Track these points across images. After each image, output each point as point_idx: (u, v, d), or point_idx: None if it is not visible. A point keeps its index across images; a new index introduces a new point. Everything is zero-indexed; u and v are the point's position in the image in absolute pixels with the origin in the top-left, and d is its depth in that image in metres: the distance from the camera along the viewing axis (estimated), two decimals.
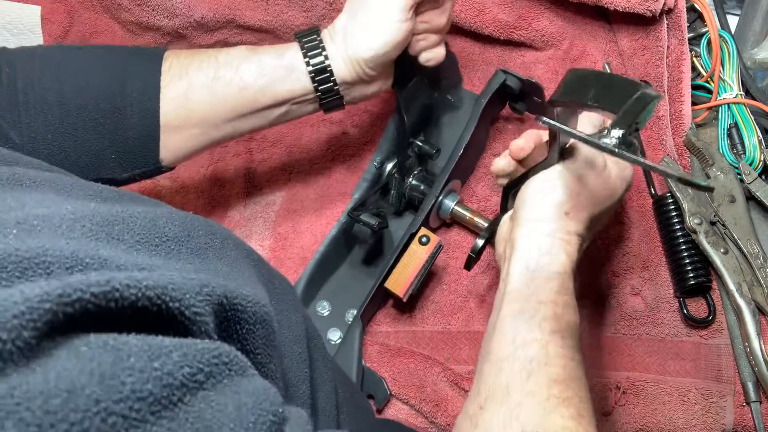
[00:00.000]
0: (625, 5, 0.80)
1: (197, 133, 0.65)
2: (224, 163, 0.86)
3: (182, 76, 0.64)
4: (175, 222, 0.41)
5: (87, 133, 0.62)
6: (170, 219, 0.41)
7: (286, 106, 0.66)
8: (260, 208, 0.84)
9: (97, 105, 0.62)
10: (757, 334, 0.70)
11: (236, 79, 0.64)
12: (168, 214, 0.42)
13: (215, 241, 0.44)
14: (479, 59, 0.90)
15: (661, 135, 0.80)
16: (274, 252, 0.81)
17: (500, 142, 0.85)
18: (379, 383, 0.71)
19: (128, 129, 0.63)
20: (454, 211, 0.78)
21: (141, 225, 0.39)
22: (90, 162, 0.63)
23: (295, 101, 0.66)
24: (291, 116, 0.68)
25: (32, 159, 0.48)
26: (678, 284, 0.74)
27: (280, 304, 0.50)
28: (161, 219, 0.41)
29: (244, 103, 0.65)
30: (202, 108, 0.64)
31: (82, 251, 0.32)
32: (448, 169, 0.76)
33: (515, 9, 0.86)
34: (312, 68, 0.64)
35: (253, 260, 0.49)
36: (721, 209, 0.74)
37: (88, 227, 0.36)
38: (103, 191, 0.45)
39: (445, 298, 0.78)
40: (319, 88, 0.65)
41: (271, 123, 0.68)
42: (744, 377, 0.71)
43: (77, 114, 0.62)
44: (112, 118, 0.63)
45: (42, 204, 0.37)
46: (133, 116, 0.63)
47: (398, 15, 0.63)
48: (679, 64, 0.81)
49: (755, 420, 0.69)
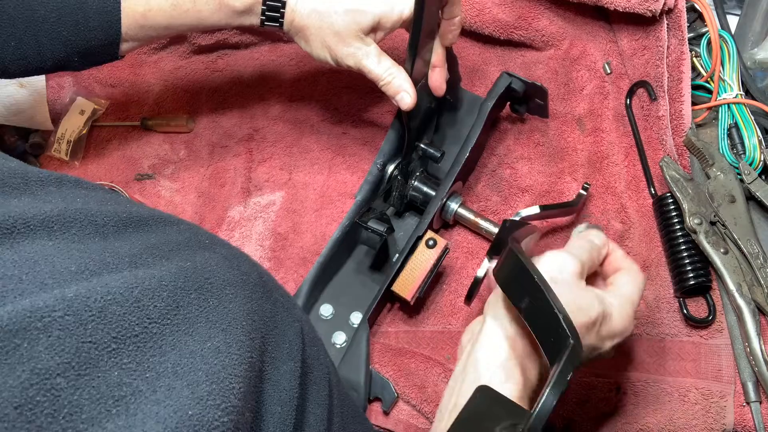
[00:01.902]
0: (625, 5, 0.80)
1: (154, 41, 0.73)
2: (224, 163, 0.86)
3: None
4: (162, 296, 0.36)
5: (51, 44, 0.67)
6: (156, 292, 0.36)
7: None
8: (260, 208, 0.84)
9: (59, 19, 0.66)
10: (757, 334, 0.70)
11: (193, 11, 0.68)
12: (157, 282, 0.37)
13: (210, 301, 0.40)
14: (479, 59, 0.90)
15: (661, 135, 0.80)
16: (274, 252, 0.81)
17: (500, 142, 0.85)
18: (386, 385, 0.71)
19: (91, 39, 0.67)
20: (458, 213, 0.78)
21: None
22: (53, 65, 0.69)
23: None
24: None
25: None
26: (678, 284, 0.74)
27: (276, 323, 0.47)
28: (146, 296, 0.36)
29: (199, 26, 0.71)
30: (159, 27, 0.69)
31: None
32: (454, 172, 0.76)
33: (515, 9, 0.86)
34: (266, 18, 0.70)
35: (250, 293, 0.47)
36: (721, 209, 0.74)
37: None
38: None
39: (445, 299, 0.78)
40: (267, 26, 0.71)
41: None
42: (744, 377, 0.71)
43: (40, 27, 0.66)
44: (75, 31, 0.67)
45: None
46: (96, 29, 0.67)
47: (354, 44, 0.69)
48: (679, 64, 0.81)
49: (755, 420, 0.69)
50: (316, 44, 0.70)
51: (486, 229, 0.77)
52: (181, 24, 0.70)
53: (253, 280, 0.42)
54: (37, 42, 0.66)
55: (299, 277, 0.79)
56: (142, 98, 0.91)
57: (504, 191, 0.82)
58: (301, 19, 0.69)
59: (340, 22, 0.68)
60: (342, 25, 0.68)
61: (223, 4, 0.68)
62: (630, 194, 0.80)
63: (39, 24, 0.65)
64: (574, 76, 0.87)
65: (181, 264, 0.38)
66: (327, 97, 0.89)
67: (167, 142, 0.88)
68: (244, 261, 0.44)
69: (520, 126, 0.86)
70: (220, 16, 0.69)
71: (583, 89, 0.86)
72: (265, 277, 0.45)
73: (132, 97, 0.91)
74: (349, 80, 0.89)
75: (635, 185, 0.81)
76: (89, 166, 0.87)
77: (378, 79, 0.70)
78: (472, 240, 0.80)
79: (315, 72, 0.91)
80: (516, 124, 0.86)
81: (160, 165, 0.87)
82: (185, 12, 0.68)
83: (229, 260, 0.42)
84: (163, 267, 0.36)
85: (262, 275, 0.44)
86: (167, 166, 0.87)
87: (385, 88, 0.71)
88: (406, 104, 0.71)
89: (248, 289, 0.41)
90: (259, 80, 0.91)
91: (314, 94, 0.90)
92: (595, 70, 0.87)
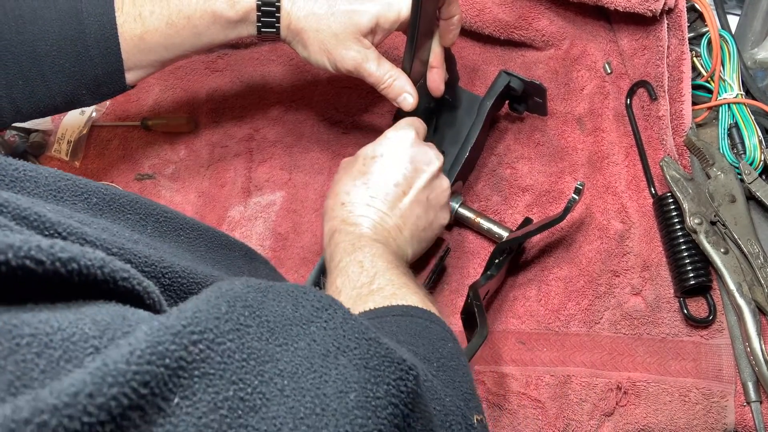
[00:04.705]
0: (625, 5, 0.80)
1: (157, 66, 0.71)
2: (224, 163, 0.86)
3: (135, 18, 0.67)
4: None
5: (56, 78, 0.67)
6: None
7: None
8: (260, 208, 0.84)
9: (60, 51, 0.66)
10: (757, 334, 0.70)
11: (189, 27, 0.68)
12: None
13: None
14: (479, 59, 0.90)
15: (662, 135, 0.80)
16: (274, 252, 0.81)
17: (500, 141, 0.85)
18: None
19: (94, 68, 0.67)
20: (459, 213, 0.78)
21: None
22: (63, 101, 0.69)
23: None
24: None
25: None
26: (678, 284, 0.74)
27: None
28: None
29: (196, 43, 0.70)
30: (158, 49, 0.69)
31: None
32: (454, 172, 0.77)
33: (515, 9, 0.86)
34: (262, 24, 0.69)
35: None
36: (721, 209, 0.74)
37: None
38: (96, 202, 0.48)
39: (445, 298, 0.78)
40: (263, 33, 0.70)
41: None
42: (744, 377, 0.71)
43: (43, 61, 0.65)
44: (78, 62, 0.67)
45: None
46: (97, 57, 0.67)
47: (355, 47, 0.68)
48: (680, 64, 0.81)
49: (755, 420, 0.69)
50: (314, 48, 0.69)
51: (487, 228, 0.77)
52: (179, 43, 0.69)
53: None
54: (43, 78, 0.66)
55: (300, 277, 0.79)
56: (142, 98, 0.91)
57: (504, 191, 0.82)
58: (297, 22, 0.68)
59: (337, 24, 0.67)
60: (340, 26, 0.67)
61: (218, 16, 0.67)
62: (630, 194, 0.80)
63: (42, 58, 0.65)
64: (575, 75, 0.87)
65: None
66: (327, 97, 0.89)
67: (167, 142, 0.88)
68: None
69: (520, 125, 0.86)
70: (216, 29, 0.69)
71: (584, 89, 0.86)
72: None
73: (132, 97, 0.91)
74: (349, 80, 0.89)
75: (635, 185, 0.81)
76: (89, 166, 0.87)
77: (378, 82, 0.70)
78: (473, 240, 0.80)
79: (315, 72, 0.91)
80: (515, 123, 0.86)
81: (160, 165, 0.87)
82: (181, 29, 0.68)
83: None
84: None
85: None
86: (167, 166, 0.87)
87: (385, 92, 0.71)
88: (409, 105, 0.71)
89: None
90: (259, 80, 0.91)
91: (314, 94, 0.90)
92: (595, 70, 0.87)
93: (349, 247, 0.61)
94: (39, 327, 0.27)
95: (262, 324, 0.34)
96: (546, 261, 0.78)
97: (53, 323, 0.28)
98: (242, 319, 0.33)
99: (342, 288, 0.57)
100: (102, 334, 0.29)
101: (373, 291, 0.55)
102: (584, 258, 0.78)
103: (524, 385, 0.72)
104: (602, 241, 0.78)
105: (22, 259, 0.28)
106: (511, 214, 0.81)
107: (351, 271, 0.58)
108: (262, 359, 0.32)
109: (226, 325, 0.32)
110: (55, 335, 0.27)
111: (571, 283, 0.77)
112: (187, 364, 0.29)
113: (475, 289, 0.66)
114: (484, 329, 0.63)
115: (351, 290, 0.57)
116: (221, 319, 0.32)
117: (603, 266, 0.77)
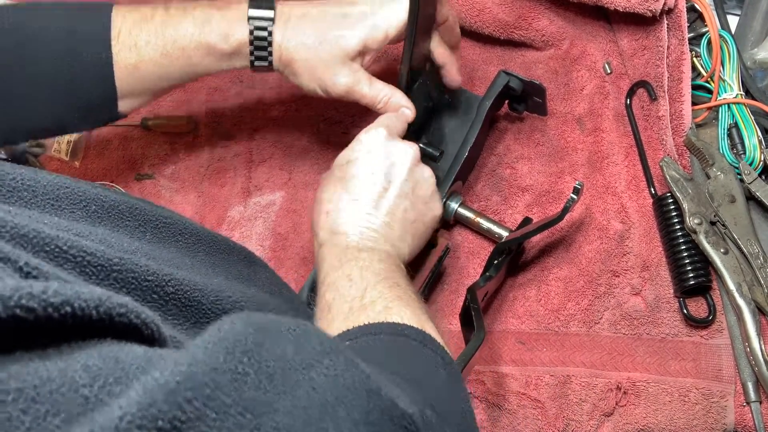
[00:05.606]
0: (625, 5, 0.80)
1: (150, 95, 0.72)
2: (224, 163, 0.86)
3: (131, 47, 0.67)
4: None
5: (49, 101, 0.67)
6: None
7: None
8: (260, 208, 0.84)
9: (55, 75, 0.66)
10: (757, 334, 0.70)
11: (183, 57, 0.68)
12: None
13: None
14: (479, 59, 0.90)
15: (661, 135, 0.81)
16: (274, 252, 0.81)
17: (499, 141, 0.85)
18: None
19: (88, 94, 0.68)
20: (458, 213, 0.78)
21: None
22: (55, 125, 0.69)
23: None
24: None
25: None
26: (678, 284, 0.74)
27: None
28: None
29: (190, 73, 0.71)
30: (152, 78, 0.69)
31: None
32: (453, 172, 0.76)
33: (515, 9, 0.86)
34: (255, 57, 0.70)
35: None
36: (721, 209, 0.74)
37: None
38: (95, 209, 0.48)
39: (445, 298, 0.78)
40: (256, 66, 0.71)
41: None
42: (744, 377, 0.71)
43: (37, 84, 0.66)
44: (71, 87, 0.67)
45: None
46: (91, 83, 0.67)
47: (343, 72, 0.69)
48: (680, 64, 0.81)
49: (755, 420, 0.70)
50: (305, 76, 0.70)
51: (487, 228, 0.77)
52: (173, 73, 0.70)
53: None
54: (37, 100, 0.67)
55: (300, 276, 0.79)
56: None
57: (504, 191, 0.82)
58: (288, 53, 0.69)
59: (326, 52, 0.68)
60: (328, 53, 0.68)
61: (212, 48, 0.68)
62: (630, 194, 0.80)
63: (37, 81, 0.66)
64: (574, 76, 0.87)
65: None
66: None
67: (167, 142, 0.88)
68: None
69: (520, 125, 0.86)
70: (210, 61, 0.69)
71: (583, 89, 0.86)
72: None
73: None
74: None
75: (635, 185, 0.81)
76: (89, 166, 0.87)
77: (373, 102, 0.71)
78: (472, 240, 0.80)
79: None
80: (515, 123, 0.86)
81: (160, 165, 0.87)
82: (175, 60, 0.68)
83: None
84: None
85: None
86: (167, 166, 0.87)
87: (383, 111, 0.72)
88: (408, 118, 0.72)
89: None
90: (259, 80, 0.91)
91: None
92: (595, 70, 0.87)
93: (336, 262, 0.61)
94: (27, 380, 0.26)
95: (261, 370, 0.32)
96: (546, 261, 0.78)
97: (42, 373, 0.27)
98: (240, 367, 0.32)
99: (332, 303, 0.57)
100: (93, 381, 0.28)
101: (365, 305, 0.54)
102: (584, 258, 0.78)
103: (524, 385, 0.72)
104: (602, 241, 0.78)
105: (12, 309, 0.27)
106: (511, 214, 0.81)
107: (340, 285, 0.58)
108: (260, 411, 0.31)
109: (223, 377, 0.30)
110: (43, 387, 0.27)
111: (570, 283, 0.77)
112: (180, 424, 0.28)
113: (473, 292, 0.66)
114: (481, 333, 0.63)
115: (342, 304, 0.56)
116: (218, 370, 0.30)
117: (603, 266, 0.77)
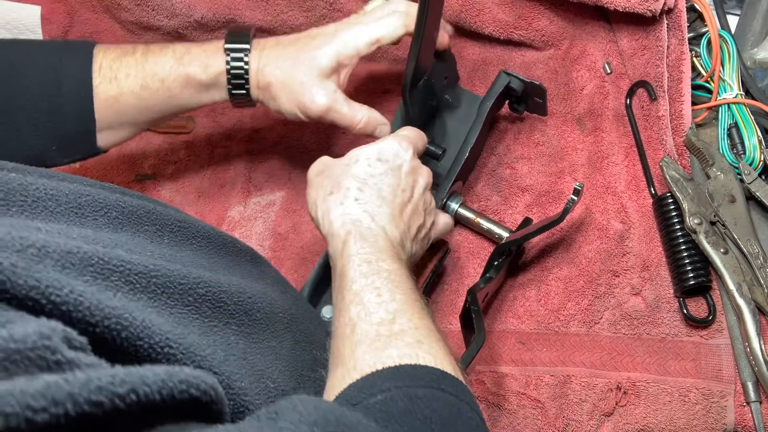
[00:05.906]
0: (625, 5, 0.80)
1: (130, 128, 0.73)
2: (224, 163, 0.86)
3: (111, 80, 0.69)
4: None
5: (29, 131, 0.68)
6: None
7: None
8: (260, 208, 0.84)
9: (36, 106, 0.67)
10: (757, 334, 0.70)
11: (163, 89, 0.69)
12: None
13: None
14: (479, 59, 0.90)
15: (661, 135, 0.80)
16: (275, 252, 0.81)
17: (500, 141, 0.85)
18: None
19: (67, 125, 0.69)
20: (458, 213, 0.78)
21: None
22: (33, 155, 0.68)
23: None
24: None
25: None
26: (678, 284, 0.74)
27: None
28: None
29: (169, 105, 0.72)
30: (132, 111, 0.70)
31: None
32: (454, 172, 0.77)
33: (515, 9, 0.86)
34: (232, 86, 0.70)
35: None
36: (721, 209, 0.74)
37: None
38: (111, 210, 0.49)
39: (445, 298, 0.78)
40: (235, 96, 0.72)
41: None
42: (744, 377, 0.71)
43: (18, 114, 0.67)
44: (51, 118, 0.68)
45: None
46: (70, 114, 0.68)
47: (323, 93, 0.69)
48: (679, 64, 0.81)
49: (755, 420, 0.69)
50: (283, 99, 0.70)
51: (487, 228, 0.77)
52: (152, 105, 0.70)
53: None
54: (17, 131, 0.68)
55: (300, 276, 0.79)
56: None
57: (504, 191, 0.82)
58: (264, 77, 0.70)
59: (300, 71, 0.69)
60: (303, 73, 0.69)
61: (190, 79, 0.69)
62: (630, 194, 0.80)
63: (18, 112, 0.67)
64: (574, 76, 0.87)
65: None
66: None
67: (167, 142, 0.88)
68: None
69: (520, 125, 0.86)
70: (190, 93, 0.70)
71: (583, 89, 0.86)
72: None
73: None
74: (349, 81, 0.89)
75: (635, 185, 0.81)
76: (89, 165, 0.87)
77: (351, 124, 0.71)
78: (472, 240, 0.80)
79: None
80: (515, 123, 0.86)
81: (160, 165, 0.87)
82: (155, 92, 0.69)
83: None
84: None
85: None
86: (167, 166, 0.87)
87: (361, 131, 0.72)
88: (386, 133, 0.72)
89: None
90: None
91: None
92: (595, 70, 0.87)
93: (365, 267, 0.56)
94: None
95: None
96: (546, 261, 0.78)
97: None
98: None
99: (357, 321, 0.52)
100: None
101: (395, 333, 0.50)
102: (584, 258, 0.78)
103: (524, 385, 0.72)
104: (602, 242, 0.78)
105: (82, 406, 0.27)
106: (511, 214, 0.81)
107: (367, 300, 0.53)
108: None
109: None
110: None
111: (570, 283, 0.77)
112: None
113: (473, 293, 0.66)
114: (481, 335, 0.63)
115: (368, 326, 0.51)
116: None
117: (603, 266, 0.77)
